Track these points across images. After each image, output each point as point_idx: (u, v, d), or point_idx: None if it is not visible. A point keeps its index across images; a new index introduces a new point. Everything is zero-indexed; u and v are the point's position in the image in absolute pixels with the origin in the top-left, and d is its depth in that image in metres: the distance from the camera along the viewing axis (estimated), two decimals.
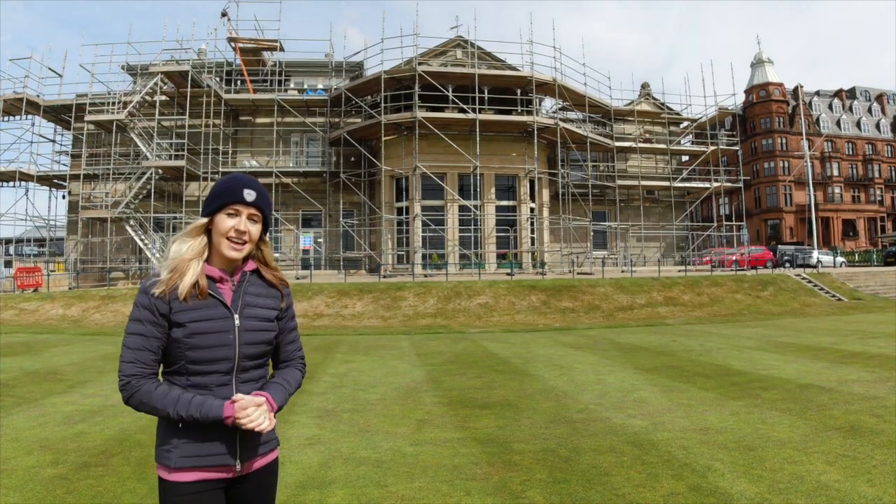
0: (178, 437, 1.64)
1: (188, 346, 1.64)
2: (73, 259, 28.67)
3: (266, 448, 1.78)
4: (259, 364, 1.77)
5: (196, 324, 1.65)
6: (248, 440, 1.71)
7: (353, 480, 4.09)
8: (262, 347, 1.75)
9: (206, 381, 1.66)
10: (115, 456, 4.71)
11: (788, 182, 54.40)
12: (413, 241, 27.00)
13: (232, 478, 1.71)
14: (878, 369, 8.08)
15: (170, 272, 1.66)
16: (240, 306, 1.72)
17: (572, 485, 3.92)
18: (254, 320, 1.74)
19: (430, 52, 29.82)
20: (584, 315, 18.44)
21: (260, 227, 1.77)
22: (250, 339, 1.72)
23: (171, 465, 1.63)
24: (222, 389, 1.67)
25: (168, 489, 1.64)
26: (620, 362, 9.55)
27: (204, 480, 1.65)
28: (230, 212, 1.71)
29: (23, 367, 9.63)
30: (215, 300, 1.69)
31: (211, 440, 1.65)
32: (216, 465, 1.66)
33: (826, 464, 4.17)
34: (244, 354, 1.70)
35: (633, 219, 32.75)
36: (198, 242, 1.72)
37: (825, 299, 21.82)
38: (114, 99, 27.87)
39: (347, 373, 8.97)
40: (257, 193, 1.74)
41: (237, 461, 1.69)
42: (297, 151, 31.37)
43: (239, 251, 1.72)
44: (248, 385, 1.73)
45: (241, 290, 1.74)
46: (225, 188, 1.73)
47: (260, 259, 1.82)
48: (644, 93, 35.18)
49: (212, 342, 1.66)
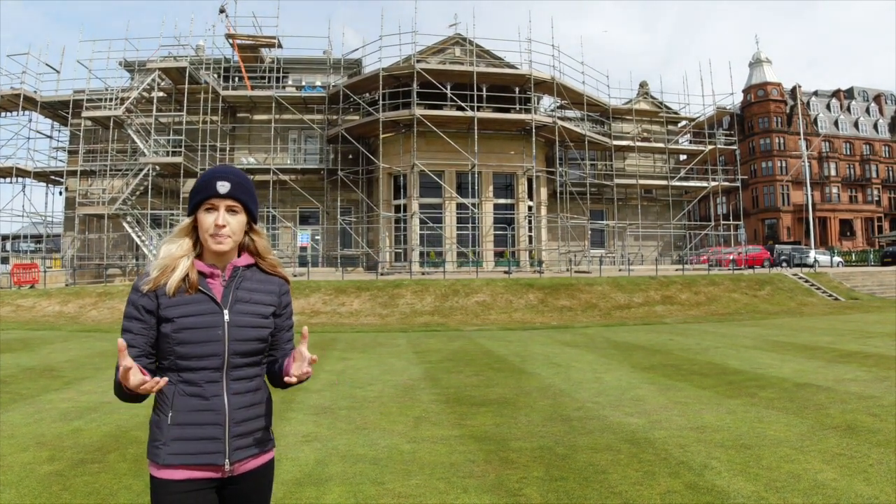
0: (166, 433, 1.62)
1: (176, 341, 1.62)
2: (70, 256, 28.58)
3: (259, 449, 1.74)
4: (252, 362, 1.73)
5: (184, 319, 1.63)
6: (239, 439, 1.68)
7: (349, 478, 4.08)
8: (254, 344, 1.72)
9: (196, 377, 1.64)
10: (111, 452, 4.69)
11: (786, 182, 54.50)
12: (411, 238, 26.98)
13: (222, 478, 1.67)
14: (875, 368, 8.10)
15: (159, 271, 1.65)
16: (230, 301, 1.69)
17: (569, 482, 3.92)
18: (246, 316, 1.70)
19: (428, 50, 29.77)
20: (581, 313, 18.46)
21: (242, 217, 1.72)
22: (241, 335, 1.68)
23: (159, 461, 1.61)
24: (211, 386, 1.65)
25: (158, 486, 1.62)
26: (617, 361, 9.56)
27: (192, 479, 1.62)
28: (208, 207, 1.68)
29: (19, 364, 9.61)
30: (204, 295, 1.67)
31: (199, 438, 1.62)
32: (204, 464, 1.63)
33: (823, 462, 4.18)
34: (234, 351, 1.67)
35: (631, 218, 32.77)
36: (186, 242, 1.70)
37: (822, 299, 21.88)
38: (111, 95, 27.77)
39: (344, 370, 8.97)
40: (231, 184, 1.69)
41: (226, 461, 1.65)
42: (294, 148, 31.30)
43: (222, 244, 1.68)
44: (239, 383, 1.69)
45: (233, 286, 1.72)
46: (200, 184, 1.70)
47: (252, 250, 1.79)
48: (642, 92, 35.19)
49: (200, 337, 1.63)
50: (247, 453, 1.70)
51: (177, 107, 27.87)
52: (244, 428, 1.69)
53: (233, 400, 1.67)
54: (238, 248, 1.77)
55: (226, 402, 1.66)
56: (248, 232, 1.77)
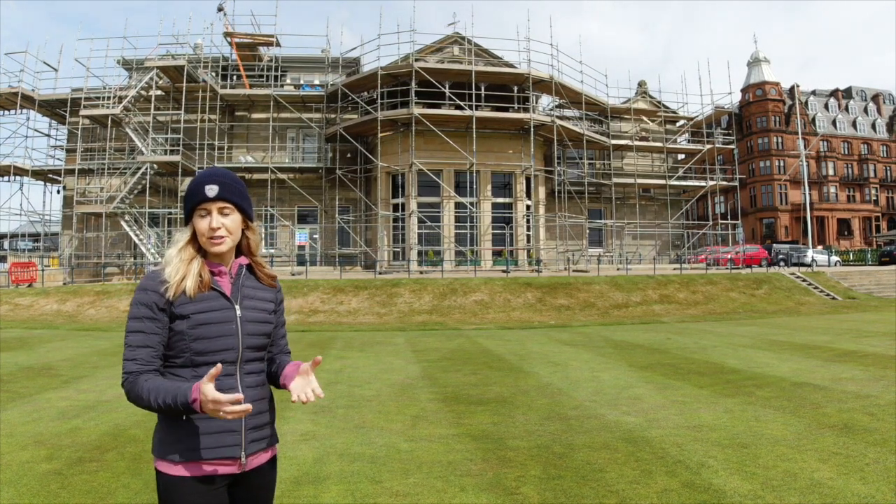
0: (184, 429, 1.63)
1: (192, 337, 1.65)
2: (68, 254, 28.54)
3: (268, 443, 1.78)
4: (260, 357, 1.78)
5: (200, 315, 1.66)
6: (254, 431, 1.72)
7: (347, 476, 4.09)
8: (262, 339, 1.77)
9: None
10: (109, 451, 4.69)
11: (784, 181, 54.56)
12: (409, 237, 26.97)
13: (237, 473, 1.69)
14: (872, 368, 8.12)
15: (175, 272, 1.67)
16: (239, 297, 1.74)
17: (566, 481, 3.93)
18: (254, 311, 1.76)
19: (426, 49, 29.74)
20: (579, 312, 18.48)
21: (236, 217, 1.74)
22: (252, 329, 1.74)
23: (173, 459, 1.62)
24: (227, 380, 1.67)
25: (170, 484, 1.62)
26: (615, 359, 9.57)
27: (208, 476, 1.64)
28: (201, 213, 1.71)
29: (17, 363, 9.59)
30: (216, 292, 1.71)
31: (218, 431, 1.65)
32: (222, 458, 1.65)
33: (819, 461, 4.19)
34: (248, 345, 1.72)
35: (629, 217, 32.79)
36: (192, 249, 1.73)
37: (820, 298, 21.91)
38: (109, 93, 27.70)
39: (342, 369, 8.97)
40: (220, 186, 1.70)
41: (243, 453, 1.68)
42: (293, 147, 31.28)
43: (220, 245, 1.71)
44: (250, 377, 1.74)
45: (240, 283, 1.76)
46: (189, 190, 1.73)
47: (246, 248, 1.81)
48: (641, 91, 35.21)
49: (216, 332, 1.67)
50: (259, 446, 1.74)
51: (175, 105, 27.80)
52: (257, 420, 1.73)
53: (247, 393, 1.70)
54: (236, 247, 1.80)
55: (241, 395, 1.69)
56: (244, 230, 1.79)
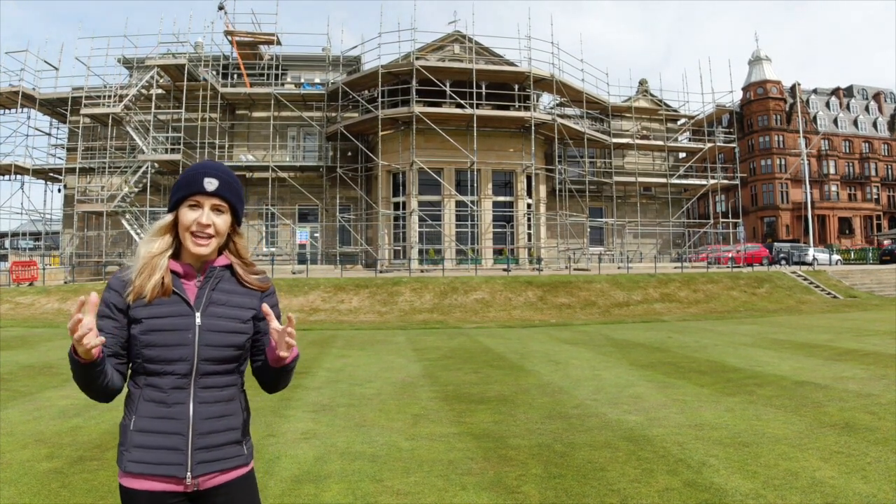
0: (130, 439, 1.54)
1: (143, 343, 1.53)
2: (69, 253, 28.54)
3: (230, 463, 1.60)
4: (225, 370, 1.60)
5: (153, 320, 1.53)
6: (204, 452, 1.55)
7: (348, 475, 4.09)
8: (228, 351, 1.59)
9: (162, 382, 1.54)
10: (109, 450, 4.69)
11: (785, 180, 54.50)
12: (410, 236, 26.97)
13: (186, 492, 1.54)
14: (873, 367, 8.11)
15: (139, 275, 1.55)
16: (203, 304, 1.58)
17: (567, 480, 3.92)
18: (220, 320, 1.59)
19: (427, 47, 29.70)
20: (580, 311, 18.47)
21: (228, 217, 1.62)
22: (213, 340, 1.57)
23: (122, 468, 1.54)
24: (177, 393, 1.54)
25: (123, 494, 1.55)
26: (616, 358, 9.57)
27: (153, 491, 1.51)
28: (191, 203, 1.58)
29: (18, 361, 9.60)
30: (177, 297, 1.57)
31: (160, 447, 1.52)
32: (164, 476, 1.52)
33: (821, 460, 4.19)
34: (205, 357, 1.55)
35: (630, 215, 32.76)
36: (165, 241, 1.60)
37: (821, 297, 21.90)
38: (110, 92, 27.68)
39: (343, 368, 8.97)
40: (220, 182, 1.59)
41: (188, 474, 1.52)
42: (293, 146, 31.26)
43: (204, 246, 1.58)
44: (209, 392, 1.57)
45: (208, 287, 1.61)
46: (185, 179, 1.60)
47: (233, 252, 1.68)
48: (642, 89, 35.15)
49: (168, 340, 1.53)
50: (214, 468, 1.57)
51: (176, 104, 27.79)
52: (211, 440, 1.56)
53: (199, 409, 1.55)
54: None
55: (191, 412, 1.55)
56: (230, 234, 1.67)
